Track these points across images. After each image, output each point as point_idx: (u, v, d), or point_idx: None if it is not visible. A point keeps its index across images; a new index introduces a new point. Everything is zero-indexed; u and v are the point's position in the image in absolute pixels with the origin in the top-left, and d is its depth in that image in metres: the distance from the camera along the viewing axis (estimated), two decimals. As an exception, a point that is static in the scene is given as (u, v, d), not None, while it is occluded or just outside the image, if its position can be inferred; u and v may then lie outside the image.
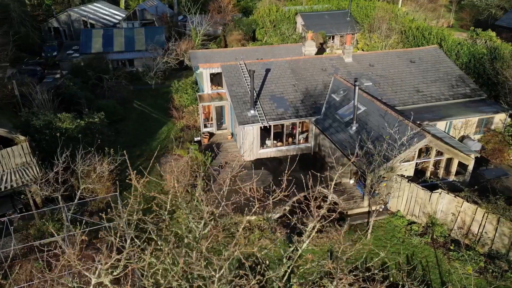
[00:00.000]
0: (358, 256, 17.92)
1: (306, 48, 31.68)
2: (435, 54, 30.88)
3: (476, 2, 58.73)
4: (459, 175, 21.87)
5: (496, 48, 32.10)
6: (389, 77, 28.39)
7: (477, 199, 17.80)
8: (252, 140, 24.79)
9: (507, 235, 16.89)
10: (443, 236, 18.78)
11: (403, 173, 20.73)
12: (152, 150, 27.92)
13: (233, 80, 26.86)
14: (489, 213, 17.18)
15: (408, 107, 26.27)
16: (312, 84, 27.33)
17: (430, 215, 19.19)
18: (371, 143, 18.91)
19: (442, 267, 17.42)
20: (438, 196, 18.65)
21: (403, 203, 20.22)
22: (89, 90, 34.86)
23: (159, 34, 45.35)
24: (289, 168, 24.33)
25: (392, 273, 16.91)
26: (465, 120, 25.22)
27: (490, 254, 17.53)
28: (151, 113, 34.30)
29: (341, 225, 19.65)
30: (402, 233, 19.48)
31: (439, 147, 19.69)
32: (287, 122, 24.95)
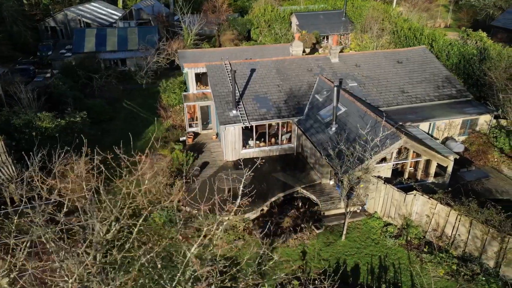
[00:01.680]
0: (331, 258, 17.94)
1: (293, 48, 31.58)
2: (423, 55, 30.70)
3: (473, 2, 58.34)
4: (439, 177, 21.72)
5: (486, 48, 31.87)
6: (375, 77, 28.26)
7: (450, 201, 17.67)
8: (234, 140, 24.77)
9: (479, 238, 16.76)
10: (417, 238, 18.69)
11: (380, 174, 20.63)
12: (136, 150, 27.92)
13: (217, 80, 26.85)
14: (462, 216, 17.06)
15: (392, 108, 26.15)
16: (296, 84, 27.26)
17: (405, 217, 19.10)
18: (344, 144, 18.81)
19: (414, 269, 17.31)
20: (413, 198, 18.54)
21: (379, 205, 20.13)
22: (79, 89, 35.00)
23: (152, 34, 45.42)
24: (270, 168, 24.45)
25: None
26: (448, 121, 25.06)
27: (464, 257, 17.42)
28: (140, 112, 34.37)
29: (317, 226, 19.71)
30: (378, 235, 19.40)
31: (415, 149, 19.58)
32: (269, 122, 24.88)
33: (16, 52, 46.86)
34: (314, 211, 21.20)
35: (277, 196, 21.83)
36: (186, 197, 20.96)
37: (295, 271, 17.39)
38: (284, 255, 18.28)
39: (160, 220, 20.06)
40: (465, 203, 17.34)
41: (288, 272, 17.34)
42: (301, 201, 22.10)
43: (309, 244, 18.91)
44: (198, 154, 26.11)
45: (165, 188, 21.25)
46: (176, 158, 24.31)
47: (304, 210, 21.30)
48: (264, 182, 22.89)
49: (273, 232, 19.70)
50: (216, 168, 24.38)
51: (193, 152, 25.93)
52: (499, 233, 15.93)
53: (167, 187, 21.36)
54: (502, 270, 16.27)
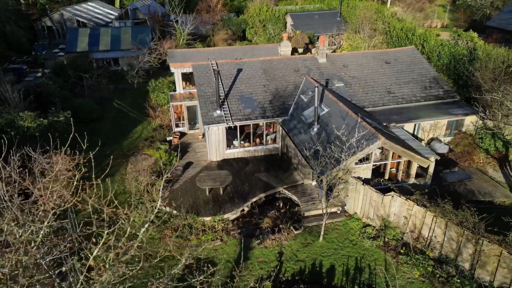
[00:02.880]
0: (307, 259, 17.89)
1: (282, 48, 31.53)
2: (411, 55, 30.57)
3: (470, 2, 58.08)
4: (420, 178, 21.63)
5: (476, 49, 31.71)
6: (362, 78, 28.16)
7: (426, 202, 17.57)
8: (218, 140, 24.74)
9: (454, 240, 16.66)
10: (395, 240, 18.61)
11: (360, 175, 20.55)
12: (122, 149, 28.03)
13: (203, 80, 26.83)
14: (437, 217, 16.97)
15: (377, 109, 26.06)
16: (283, 84, 27.20)
17: (383, 218, 19.01)
18: (321, 145, 18.75)
19: (389, 271, 17.23)
20: (390, 199, 18.45)
21: (359, 206, 20.06)
22: (69, 89, 35.05)
23: (146, 34, 45.46)
24: (254, 168, 24.41)
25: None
26: (433, 122, 24.94)
27: (440, 259, 17.32)
28: (129, 112, 34.40)
29: (296, 227, 19.65)
30: (356, 236, 19.33)
31: (394, 150, 19.49)
32: (253, 122, 24.83)
33: (11, 52, 46.97)
34: (295, 212, 21.13)
35: (258, 196, 21.77)
36: (164, 197, 21.00)
37: (270, 272, 17.34)
38: (260, 256, 18.23)
39: (139, 220, 19.99)
40: (440, 204, 17.23)
41: (263, 273, 17.31)
42: (283, 202, 22.02)
43: (287, 245, 18.85)
44: (183, 154, 26.08)
45: (146, 188, 21.23)
46: (160, 158, 24.29)
47: (284, 210, 21.23)
48: (247, 182, 22.84)
49: (251, 232, 19.68)
50: (199, 168, 24.36)
51: (178, 152, 25.89)
52: (474, 235, 15.82)
53: (148, 187, 21.34)
54: (477, 273, 16.16)
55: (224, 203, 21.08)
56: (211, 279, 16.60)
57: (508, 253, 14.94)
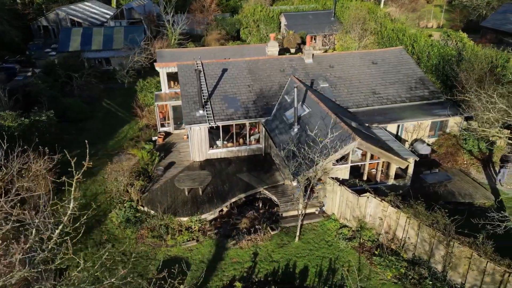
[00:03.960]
0: (281, 260, 17.86)
1: (269, 48, 31.47)
2: (399, 56, 30.46)
3: (465, 2, 57.82)
4: (400, 179, 21.55)
5: (465, 49, 31.58)
6: (347, 78, 28.08)
7: (400, 203, 17.49)
8: (200, 140, 24.73)
9: (427, 241, 16.59)
10: (371, 241, 18.54)
11: (338, 175, 20.49)
12: (107, 149, 28.06)
13: (187, 79, 26.82)
14: (410, 218, 16.89)
15: (361, 109, 25.99)
16: (267, 85, 27.16)
17: (359, 219, 18.95)
18: (295, 146, 18.71)
19: (362, 272, 17.17)
20: (366, 200, 18.39)
21: (336, 206, 20.00)
22: (59, 88, 35.13)
23: (139, 33, 45.51)
24: (236, 169, 24.39)
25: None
26: (417, 123, 24.84)
27: (413, 260, 17.25)
28: (118, 112, 34.45)
29: (273, 227, 19.62)
30: (332, 237, 19.27)
31: (371, 151, 19.42)
32: (236, 122, 24.80)
33: (4, 51, 47.12)
34: (273, 212, 21.08)
35: (237, 196, 21.74)
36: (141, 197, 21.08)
37: (243, 273, 17.32)
38: (235, 257, 18.21)
39: (117, 220, 20.06)
40: (414, 206, 17.16)
41: (236, 274, 17.29)
42: (263, 202, 22.02)
43: (262, 245, 18.82)
44: (166, 154, 26.10)
45: (125, 188, 21.32)
46: (142, 158, 24.31)
47: (263, 211, 21.21)
48: (227, 182, 22.82)
49: (229, 233, 19.65)
50: (181, 168, 24.35)
51: (161, 152, 25.96)
52: (445, 237, 15.74)
53: (127, 187, 21.42)
54: (449, 275, 16.08)
55: (203, 203, 21.06)
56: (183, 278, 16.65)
57: (478, 255, 14.85)
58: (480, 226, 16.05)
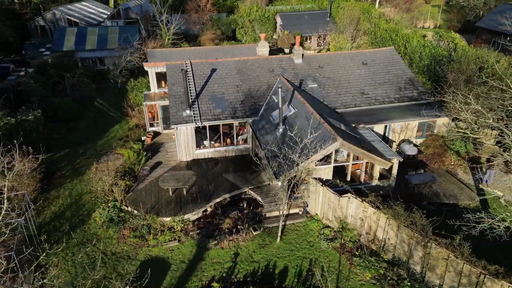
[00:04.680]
0: (262, 260, 17.85)
1: (259, 48, 31.50)
2: (389, 56, 30.41)
3: (462, 2, 57.66)
4: (384, 180, 21.51)
5: (455, 50, 31.50)
6: (336, 79, 28.05)
7: (379, 204, 17.46)
8: (187, 140, 24.73)
9: (406, 242, 16.55)
10: (352, 241, 18.50)
11: (321, 176, 20.47)
12: (96, 148, 28.10)
13: (176, 79, 26.84)
14: (390, 219, 16.86)
15: (349, 110, 25.96)
16: (256, 85, 27.16)
17: (341, 220, 18.92)
18: (276, 146, 18.70)
19: (342, 273, 17.14)
20: (347, 201, 18.36)
21: (319, 207, 19.98)
22: (51, 88, 35.19)
23: (133, 33, 45.56)
24: (222, 169, 24.38)
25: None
26: (404, 123, 24.78)
27: (393, 261, 17.22)
28: (109, 111, 34.50)
29: (255, 228, 19.61)
30: (314, 237, 19.24)
31: (353, 151, 19.38)
32: (222, 122, 24.79)
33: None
34: (257, 213, 21.06)
35: (222, 197, 21.71)
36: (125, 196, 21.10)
37: (223, 273, 17.32)
38: (215, 257, 18.20)
39: (100, 219, 20.08)
40: (393, 206, 17.12)
41: (216, 274, 17.29)
42: (248, 202, 22.02)
43: (244, 245, 18.81)
44: (154, 153, 26.12)
45: (110, 188, 21.35)
46: (128, 158, 24.34)
47: (248, 211, 21.20)
48: (213, 182, 22.82)
49: (211, 233, 19.64)
50: (168, 168, 24.36)
51: (149, 152, 25.99)
52: (423, 238, 15.70)
53: (112, 187, 21.45)
54: (427, 276, 16.04)
55: (187, 203, 21.07)
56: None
57: (455, 256, 14.81)
58: (456, 228, 16.02)
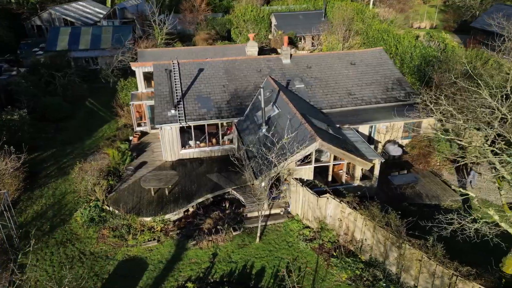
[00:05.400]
0: (240, 260, 17.84)
1: (248, 48, 31.51)
2: (378, 56, 30.35)
3: (458, 2, 57.49)
4: (366, 180, 21.47)
5: (445, 50, 31.42)
6: (324, 79, 28.01)
7: (356, 205, 17.43)
8: (171, 140, 24.75)
9: (382, 243, 16.51)
10: (331, 242, 18.47)
11: (302, 176, 20.45)
12: (84, 148, 28.15)
13: (162, 79, 26.87)
14: (366, 220, 16.82)
15: (335, 110, 25.91)
16: (243, 85, 27.14)
17: (320, 220, 18.90)
18: (253, 147, 18.70)
19: (319, 274, 17.12)
20: (326, 201, 18.33)
21: (299, 207, 19.96)
22: (42, 87, 35.28)
23: (126, 33, 45.64)
24: (207, 169, 24.38)
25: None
26: (390, 124, 24.72)
27: (370, 262, 17.19)
28: (100, 111, 34.55)
29: (235, 228, 19.61)
30: (294, 238, 19.21)
31: (333, 152, 19.35)
32: (207, 122, 24.78)
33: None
34: (239, 213, 21.06)
35: (204, 197, 21.72)
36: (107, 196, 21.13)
37: (200, 273, 17.32)
38: (194, 257, 18.20)
39: (81, 219, 20.11)
40: (369, 207, 17.10)
41: (193, 274, 17.30)
42: (231, 203, 22.00)
43: (223, 246, 18.80)
44: (140, 153, 26.16)
45: (93, 188, 21.38)
46: (113, 158, 24.38)
47: (229, 211, 21.19)
48: (196, 182, 22.82)
49: (191, 233, 19.65)
50: (152, 168, 24.38)
51: (134, 152, 26.02)
52: (398, 239, 15.67)
53: (94, 187, 21.47)
54: (403, 277, 16.00)
55: (168, 203, 21.08)
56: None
57: (428, 258, 14.77)
58: (428, 229, 15.98)
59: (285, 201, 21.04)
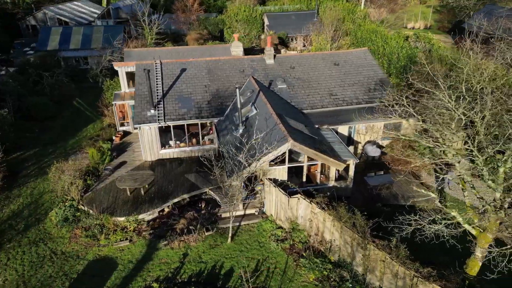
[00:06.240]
0: (210, 261, 17.86)
1: (233, 48, 31.56)
2: (362, 57, 30.30)
3: (452, 3, 57.33)
4: (341, 181, 21.45)
5: (430, 50, 31.35)
6: (306, 79, 27.99)
7: (325, 206, 17.42)
8: (151, 140, 24.79)
9: (349, 244, 16.50)
10: (302, 242, 18.47)
11: (276, 176, 20.45)
12: (66, 147, 28.24)
13: (143, 79, 26.87)
14: (335, 221, 16.81)
15: (315, 111, 25.89)
16: (225, 85, 27.16)
17: (292, 221, 18.90)
18: (223, 147, 18.71)
19: (287, 274, 17.11)
20: (297, 201, 18.33)
21: (273, 208, 19.96)
22: (30, 87, 35.42)
23: (118, 33, 45.76)
24: (185, 169, 24.40)
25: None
26: (370, 125, 24.69)
27: (338, 263, 17.18)
28: (86, 111, 34.64)
29: (208, 228, 19.63)
30: (266, 238, 19.22)
31: (305, 152, 19.34)
32: (187, 122, 24.80)
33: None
34: (214, 213, 21.08)
35: (180, 197, 21.74)
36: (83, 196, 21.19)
37: (169, 273, 17.34)
38: (164, 257, 18.23)
39: (56, 219, 20.16)
40: (337, 208, 17.09)
41: (162, 274, 17.33)
42: (208, 203, 22.03)
43: (194, 246, 18.83)
44: (120, 153, 26.22)
45: (69, 187, 21.44)
46: (92, 158, 24.44)
47: (204, 211, 21.22)
48: (173, 182, 22.85)
49: (164, 233, 19.68)
50: (131, 168, 24.42)
51: (114, 151, 26.09)
52: (363, 240, 15.65)
53: (70, 186, 21.52)
54: (368, 277, 15.99)
55: (143, 203, 21.12)
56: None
57: (390, 258, 14.75)
58: (389, 229, 15.97)
59: (260, 202, 21.04)
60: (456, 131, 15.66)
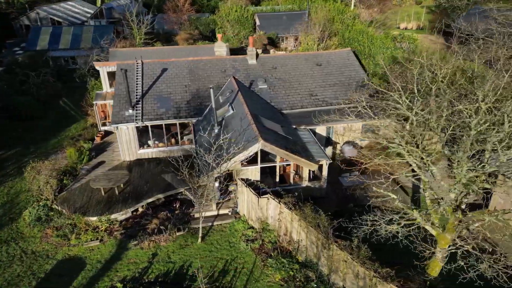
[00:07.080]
0: (179, 261, 17.87)
1: (216, 48, 31.56)
2: (345, 57, 30.29)
3: (444, 3, 57.24)
4: (315, 181, 21.44)
5: (413, 51, 31.31)
6: (288, 80, 27.99)
7: (293, 206, 17.42)
8: (129, 140, 24.81)
9: (315, 244, 16.50)
10: (271, 243, 18.48)
11: (249, 176, 20.46)
12: (47, 147, 28.30)
13: (123, 79, 26.87)
14: (301, 221, 16.82)
15: (294, 111, 25.89)
16: (205, 85, 27.17)
17: (262, 221, 18.91)
18: (197, 147, 18.72)
19: (254, 274, 17.12)
20: (266, 201, 18.34)
21: (245, 208, 19.98)
22: (17, 87, 35.52)
23: (108, 33, 45.87)
24: (163, 169, 24.38)
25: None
26: (347, 125, 24.68)
27: (305, 263, 17.18)
28: (72, 110, 34.70)
29: (179, 228, 19.65)
30: (237, 238, 19.22)
31: (276, 152, 19.34)
32: (165, 122, 24.82)
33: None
34: (187, 213, 21.10)
35: (155, 197, 21.74)
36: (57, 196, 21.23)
37: (136, 273, 17.37)
38: (133, 257, 18.25)
39: (29, 218, 20.21)
40: (302, 208, 17.09)
41: (129, 274, 17.35)
42: (183, 203, 22.03)
43: (164, 246, 18.84)
44: (100, 153, 26.25)
45: (44, 187, 21.45)
46: (70, 157, 24.49)
47: (178, 211, 21.23)
48: (149, 182, 22.86)
49: (136, 233, 19.69)
50: (109, 168, 24.46)
51: (94, 151, 26.13)
52: (327, 240, 15.65)
53: (44, 186, 21.55)
54: (333, 278, 15.99)
55: (117, 203, 21.14)
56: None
57: (351, 259, 14.74)
58: (352, 230, 15.97)
59: (234, 202, 21.06)
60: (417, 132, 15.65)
